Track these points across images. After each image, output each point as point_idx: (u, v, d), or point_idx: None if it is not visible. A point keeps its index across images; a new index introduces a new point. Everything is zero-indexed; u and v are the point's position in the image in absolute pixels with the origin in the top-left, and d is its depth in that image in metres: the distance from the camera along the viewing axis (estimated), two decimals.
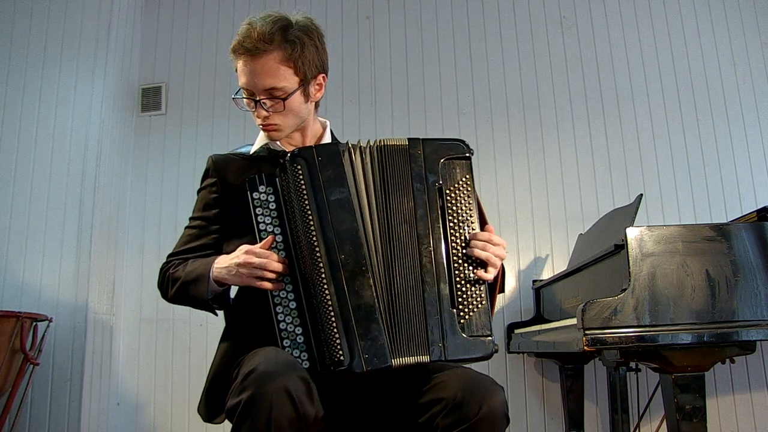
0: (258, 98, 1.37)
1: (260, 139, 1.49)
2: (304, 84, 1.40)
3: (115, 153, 3.04)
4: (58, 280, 2.75)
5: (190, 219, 1.50)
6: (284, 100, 1.37)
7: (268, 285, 1.23)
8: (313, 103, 1.49)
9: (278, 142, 1.47)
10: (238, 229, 1.37)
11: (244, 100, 1.41)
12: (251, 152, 1.49)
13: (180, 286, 1.38)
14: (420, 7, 3.27)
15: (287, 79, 1.36)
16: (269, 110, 1.38)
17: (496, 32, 3.22)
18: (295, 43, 1.35)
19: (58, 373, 2.67)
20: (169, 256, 1.48)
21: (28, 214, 2.82)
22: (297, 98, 1.40)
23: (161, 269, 1.46)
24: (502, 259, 1.28)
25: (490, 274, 1.26)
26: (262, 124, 1.42)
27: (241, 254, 1.25)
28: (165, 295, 1.44)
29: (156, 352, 3.01)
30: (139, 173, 3.19)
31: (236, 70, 1.40)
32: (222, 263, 1.31)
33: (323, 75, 1.45)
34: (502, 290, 1.39)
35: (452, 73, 3.18)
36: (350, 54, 3.22)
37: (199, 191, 1.51)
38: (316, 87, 1.45)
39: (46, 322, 2.57)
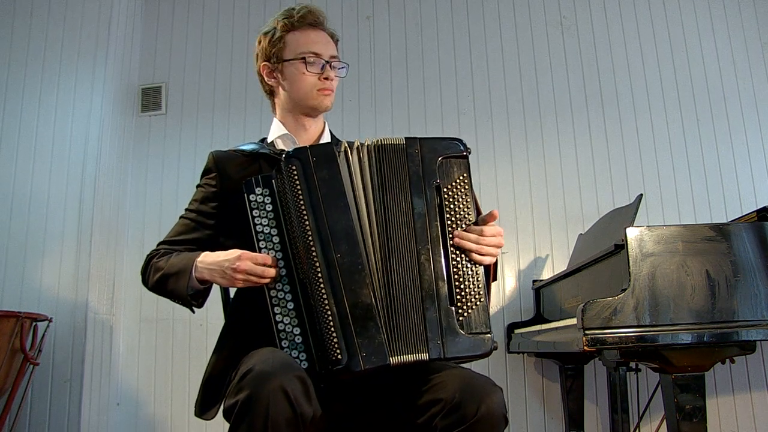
0: (330, 61, 1.50)
1: (274, 131, 1.52)
2: None
3: (115, 153, 3.04)
4: (58, 280, 2.75)
5: (187, 210, 1.51)
6: (346, 68, 1.54)
7: (265, 280, 1.24)
8: None
9: (289, 135, 1.50)
10: (237, 226, 1.36)
11: (315, 61, 1.50)
12: (269, 140, 1.52)
13: (161, 277, 1.38)
14: (420, 7, 3.27)
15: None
16: (337, 74, 1.52)
17: (496, 32, 3.22)
18: (337, 40, 1.59)
19: (58, 373, 2.67)
20: (160, 243, 1.49)
21: (28, 214, 2.82)
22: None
23: (148, 255, 1.47)
24: (498, 247, 1.28)
25: (487, 259, 1.26)
26: (324, 87, 1.49)
27: (235, 259, 1.25)
28: (145, 282, 1.45)
29: (156, 352, 3.01)
30: (139, 173, 3.19)
31: (282, 36, 1.50)
32: (209, 263, 1.31)
33: None
34: (495, 278, 1.38)
35: (452, 73, 3.18)
36: (350, 54, 3.22)
37: (198, 186, 1.52)
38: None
39: (46, 322, 2.57)
